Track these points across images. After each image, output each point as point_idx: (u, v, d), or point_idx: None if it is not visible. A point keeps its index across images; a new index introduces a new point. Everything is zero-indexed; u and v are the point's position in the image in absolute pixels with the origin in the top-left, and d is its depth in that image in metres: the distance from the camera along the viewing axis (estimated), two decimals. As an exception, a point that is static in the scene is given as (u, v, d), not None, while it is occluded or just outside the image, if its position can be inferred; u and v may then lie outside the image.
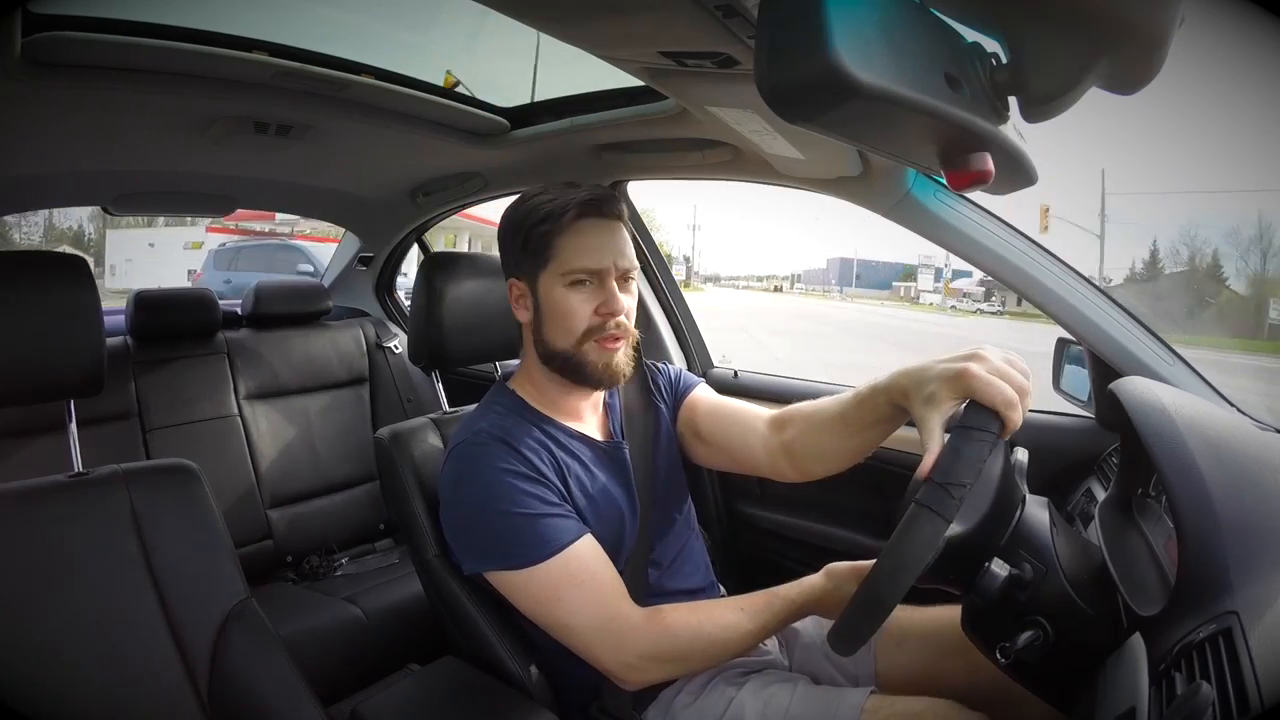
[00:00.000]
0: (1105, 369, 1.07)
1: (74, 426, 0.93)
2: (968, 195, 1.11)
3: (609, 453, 0.94)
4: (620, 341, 0.88)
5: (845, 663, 0.93)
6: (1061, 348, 1.25)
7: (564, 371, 0.90)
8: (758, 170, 1.28)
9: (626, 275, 0.89)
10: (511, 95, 1.42)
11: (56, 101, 1.11)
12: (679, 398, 1.04)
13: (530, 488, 0.83)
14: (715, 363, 1.76)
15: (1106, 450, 1.10)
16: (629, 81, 1.11)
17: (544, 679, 0.91)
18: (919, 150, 0.50)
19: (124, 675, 0.80)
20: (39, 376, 0.84)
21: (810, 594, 0.85)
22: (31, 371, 0.83)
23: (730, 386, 1.56)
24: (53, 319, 0.84)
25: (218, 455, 1.69)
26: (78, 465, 0.90)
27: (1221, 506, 0.56)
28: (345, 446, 1.92)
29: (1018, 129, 0.49)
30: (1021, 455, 0.78)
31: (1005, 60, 0.44)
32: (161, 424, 1.66)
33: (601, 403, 0.99)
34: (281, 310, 1.95)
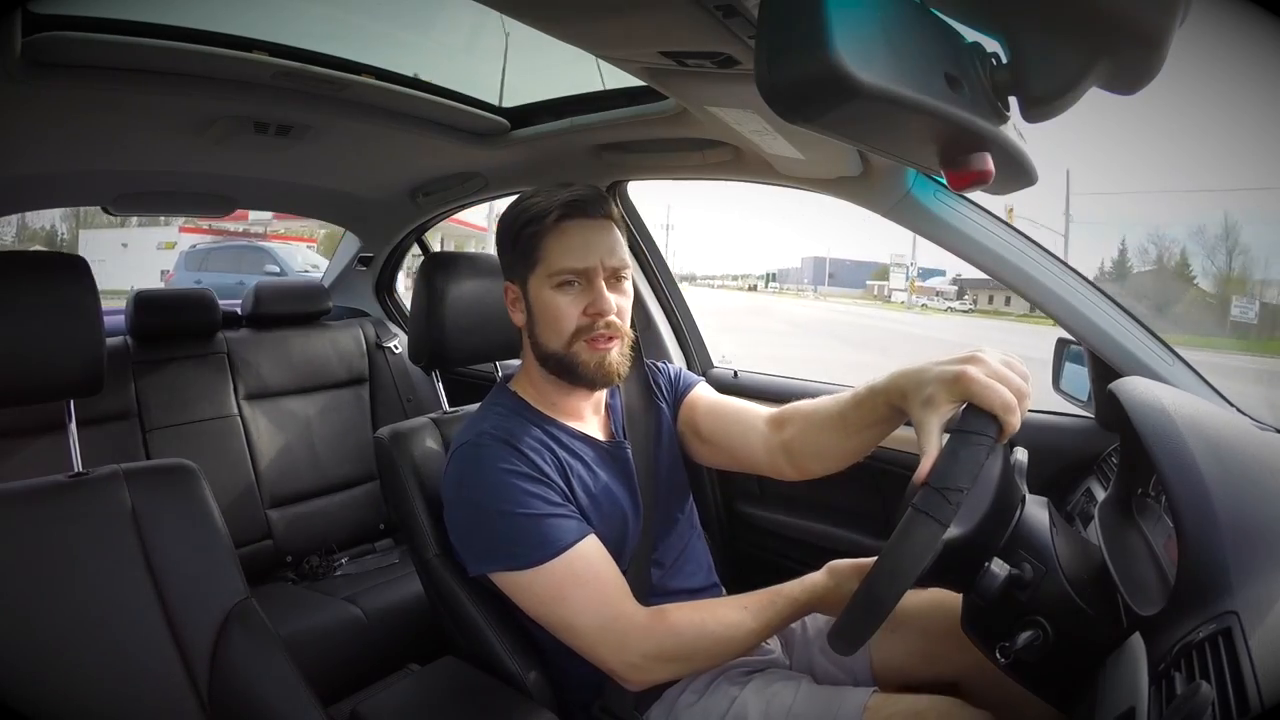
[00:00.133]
0: (1105, 369, 1.07)
1: (74, 426, 0.93)
2: (968, 195, 1.11)
3: (611, 453, 0.95)
4: (612, 342, 0.88)
5: (841, 657, 0.93)
6: (1061, 348, 1.25)
7: (559, 372, 0.90)
8: (758, 170, 1.28)
9: (617, 275, 0.89)
10: (511, 95, 1.42)
11: (57, 102, 1.11)
12: (679, 397, 1.04)
13: (534, 488, 0.83)
14: (715, 363, 1.76)
15: (1106, 450, 1.10)
16: (629, 81, 1.11)
17: (545, 679, 0.91)
18: (919, 150, 0.50)
19: (124, 675, 0.80)
20: (39, 376, 0.84)
21: (813, 591, 0.86)
22: (31, 371, 0.83)
23: (730, 386, 1.56)
24: (53, 319, 0.84)
25: (217, 455, 1.69)
26: (78, 465, 0.90)
27: (1221, 506, 0.56)
28: (345, 446, 1.92)
29: (1018, 129, 0.49)
30: (1021, 455, 0.78)
31: (1005, 60, 0.44)
32: (161, 424, 1.66)
33: (603, 403, 0.99)
34: (281, 310, 1.95)
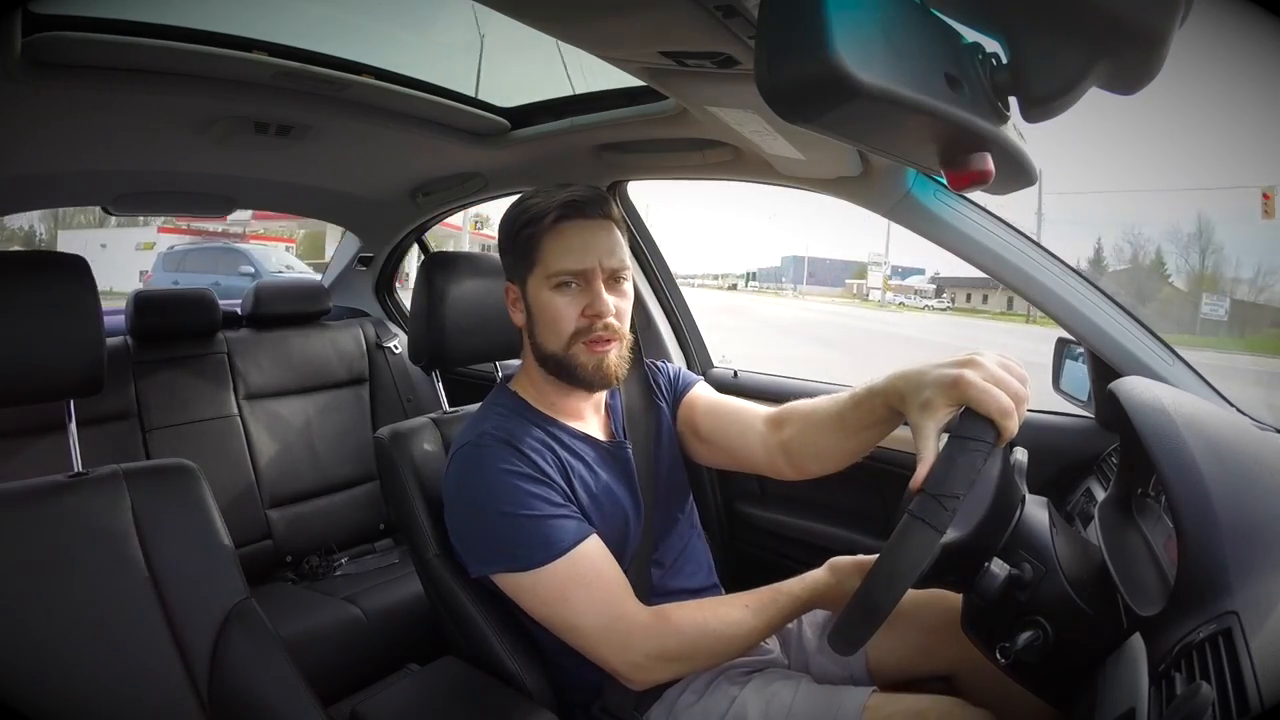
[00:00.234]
0: (1105, 369, 1.07)
1: (74, 426, 0.93)
2: (968, 195, 1.11)
3: (612, 453, 0.95)
4: (611, 343, 0.88)
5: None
6: (1061, 348, 1.25)
7: (558, 373, 0.90)
8: (758, 170, 1.28)
9: (616, 276, 0.88)
10: (511, 95, 1.42)
11: (57, 101, 1.11)
12: (678, 396, 1.04)
13: (535, 489, 0.83)
14: (715, 362, 1.76)
15: (1106, 450, 1.10)
16: (629, 81, 1.11)
17: (545, 679, 0.91)
18: (919, 150, 0.50)
19: (124, 675, 0.80)
20: (39, 376, 0.84)
21: (814, 589, 0.86)
22: (31, 371, 0.83)
23: (729, 386, 1.56)
24: (53, 319, 0.84)
25: (217, 455, 1.69)
26: (78, 465, 0.90)
27: (1221, 506, 0.56)
28: (345, 446, 1.92)
29: (1018, 129, 0.49)
30: (1021, 455, 0.78)
31: (1005, 60, 0.44)
32: (161, 424, 1.66)
33: (603, 403, 0.99)
34: (281, 310, 1.95)
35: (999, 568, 0.66)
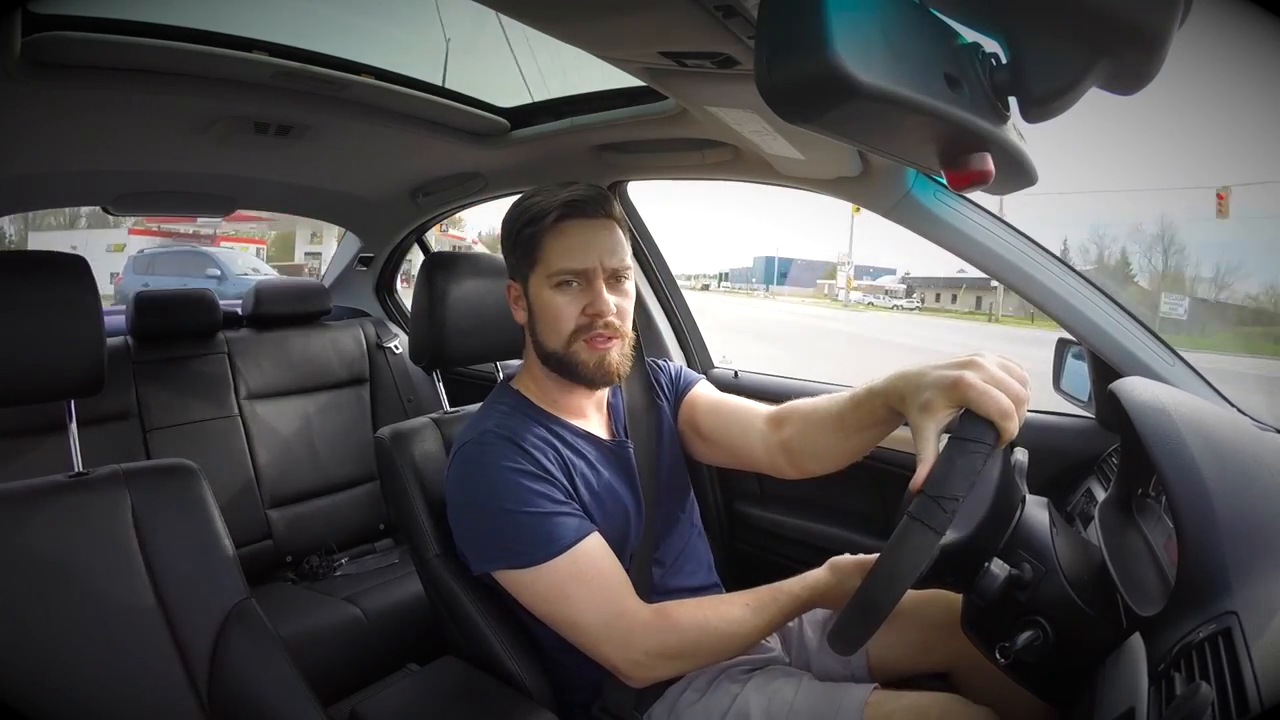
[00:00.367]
0: (1105, 369, 1.07)
1: (74, 426, 0.93)
2: (968, 195, 1.11)
3: (614, 451, 0.95)
4: (612, 341, 0.88)
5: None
6: (1062, 348, 1.25)
7: (560, 371, 0.90)
8: (758, 170, 1.28)
9: (617, 275, 0.88)
10: (511, 95, 1.42)
11: (57, 101, 1.11)
12: (680, 395, 1.04)
13: (537, 486, 0.83)
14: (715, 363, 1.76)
15: (1106, 450, 1.10)
16: (629, 81, 1.11)
17: (545, 679, 0.91)
18: (919, 150, 0.50)
19: (124, 675, 0.80)
20: (39, 376, 0.84)
21: (814, 588, 0.86)
22: (31, 371, 0.83)
23: (730, 386, 1.55)
24: (53, 319, 0.84)
25: (218, 455, 1.69)
26: (78, 465, 0.90)
27: (1221, 507, 0.56)
28: (345, 446, 1.92)
29: (1018, 129, 0.49)
30: (1021, 455, 0.78)
31: (1005, 60, 0.44)
32: (162, 424, 1.66)
33: (605, 402, 1.00)
34: (282, 310, 1.95)
35: (999, 568, 0.66)
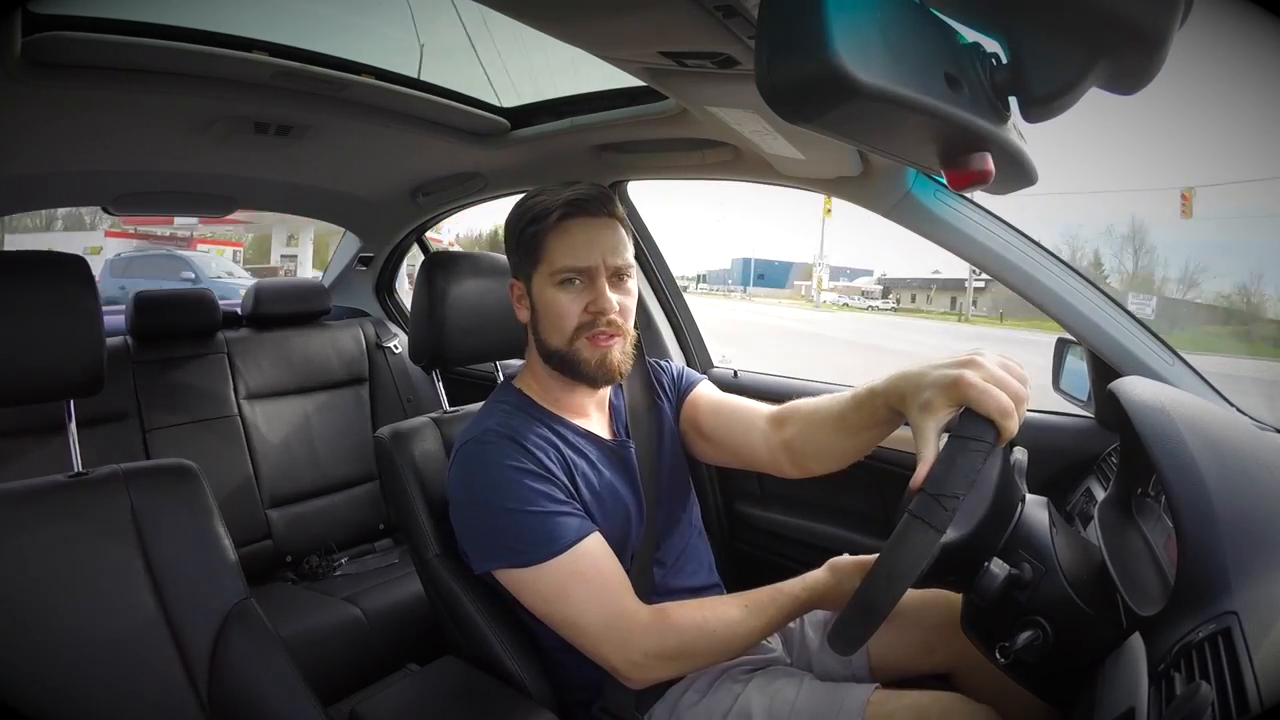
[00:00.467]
0: (1105, 369, 1.07)
1: (74, 426, 0.93)
2: (968, 195, 1.11)
3: (615, 451, 0.95)
4: (614, 339, 0.89)
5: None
6: (1061, 348, 1.25)
7: (562, 369, 0.90)
8: (758, 170, 1.28)
9: (619, 273, 0.89)
10: (511, 95, 1.42)
11: (57, 101, 1.11)
12: (681, 395, 1.04)
13: (538, 485, 0.83)
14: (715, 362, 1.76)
15: (1106, 450, 1.10)
16: (629, 81, 1.11)
17: (545, 679, 0.91)
18: (919, 150, 0.50)
19: (124, 675, 0.80)
20: (39, 376, 0.84)
21: (814, 589, 0.86)
22: (31, 371, 0.83)
23: (730, 386, 1.55)
24: (53, 319, 0.84)
25: (218, 455, 1.69)
26: (78, 465, 0.90)
27: (1221, 506, 0.56)
28: (345, 446, 1.92)
29: (1018, 129, 0.49)
30: (1021, 455, 0.78)
31: (1005, 60, 0.44)
32: (161, 424, 1.66)
33: (607, 401, 1.00)
34: (281, 310, 1.95)
35: (999, 568, 0.66)
